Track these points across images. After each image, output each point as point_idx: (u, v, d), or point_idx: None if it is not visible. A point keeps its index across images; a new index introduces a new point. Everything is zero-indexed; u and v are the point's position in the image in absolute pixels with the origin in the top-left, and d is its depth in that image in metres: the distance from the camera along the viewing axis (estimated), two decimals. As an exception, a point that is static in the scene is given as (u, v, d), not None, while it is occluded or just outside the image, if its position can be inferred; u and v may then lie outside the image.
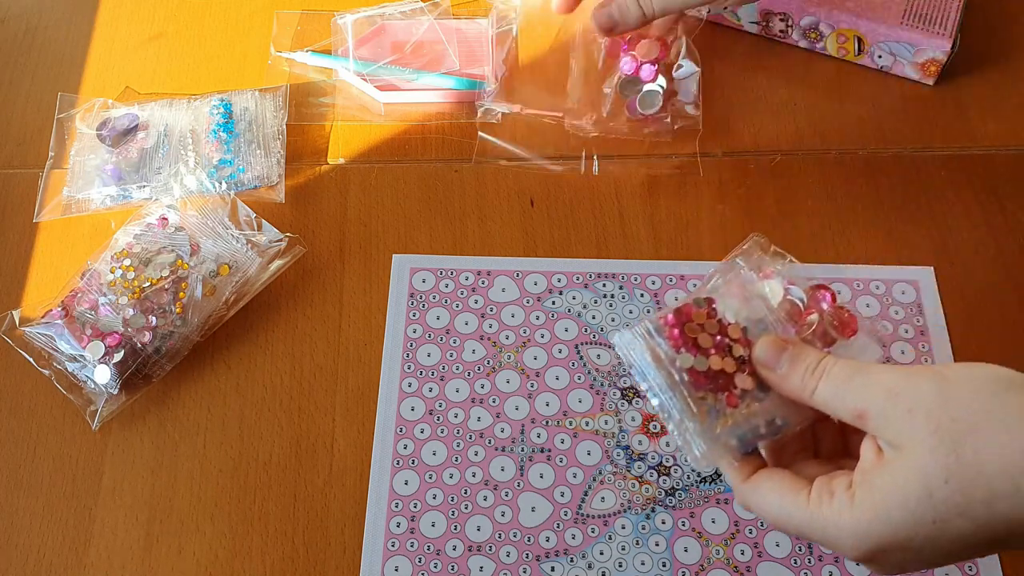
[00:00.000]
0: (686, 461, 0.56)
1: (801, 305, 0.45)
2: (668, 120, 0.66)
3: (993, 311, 0.61)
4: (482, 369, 0.60)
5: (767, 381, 0.42)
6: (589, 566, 0.54)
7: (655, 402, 0.42)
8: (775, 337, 0.43)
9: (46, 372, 0.58)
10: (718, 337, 0.42)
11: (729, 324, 0.43)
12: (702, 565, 0.54)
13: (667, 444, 0.57)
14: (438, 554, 0.54)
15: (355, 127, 0.70)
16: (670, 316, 0.42)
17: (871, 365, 0.40)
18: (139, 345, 0.57)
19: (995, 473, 0.36)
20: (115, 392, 0.57)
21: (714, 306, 0.43)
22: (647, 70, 0.64)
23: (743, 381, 0.42)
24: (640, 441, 0.57)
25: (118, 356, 0.56)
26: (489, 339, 0.61)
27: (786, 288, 0.46)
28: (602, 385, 0.59)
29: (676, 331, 0.42)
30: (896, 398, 0.38)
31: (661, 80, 0.65)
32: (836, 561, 0.54)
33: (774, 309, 0.45)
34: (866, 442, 0.40)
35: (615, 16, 0.53)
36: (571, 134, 0.67)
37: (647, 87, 0.64)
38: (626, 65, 0.65)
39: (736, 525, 0.55)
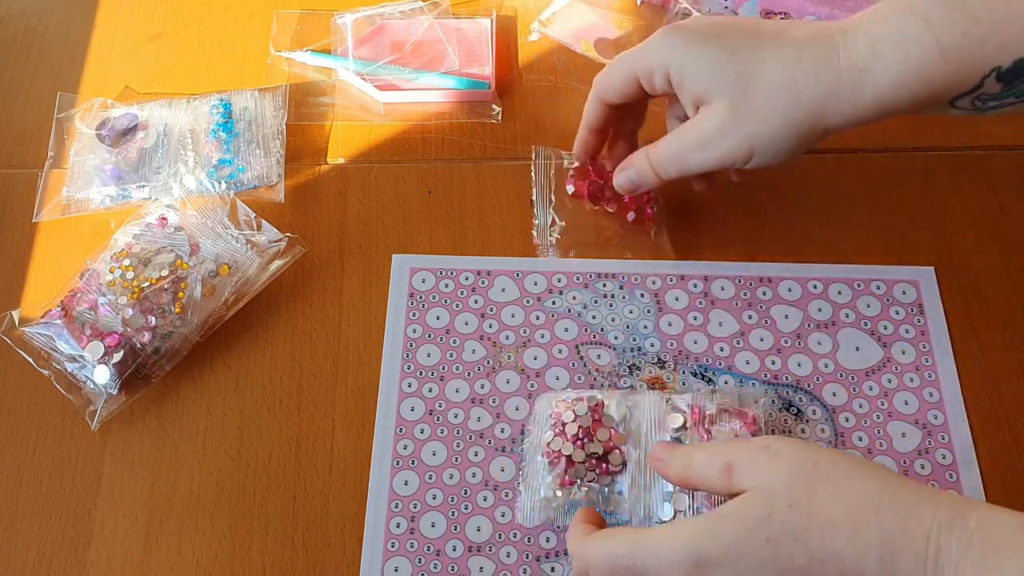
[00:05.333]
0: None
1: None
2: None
3: (993, 311, 0.61)
4: (482, 369, 0.59)
5: (658, 471, 0.48)
6: (589, 566, 0.54)
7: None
8: (662, 442, 0.50)
9: (45, 372, 0.58)
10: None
11: (611, 428, 0.53)
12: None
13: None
14: (438, 554, 0.54)
15: (355, 127, 0.70)
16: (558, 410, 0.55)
17: (742, 439, 0.46)
18: (138, 345, 0.57)
19: (839, 511, 0.37)
20: (114, 392, 0.57)
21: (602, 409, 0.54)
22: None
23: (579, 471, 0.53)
24: (640, 441, 0.57)
25: (117, 356, 0.56)
26: (489, 339, 0.61)
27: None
28: (603, 385, 0.59)
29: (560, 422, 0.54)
30: (764, 449, 0.41)
31: None
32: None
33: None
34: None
35: (634, 179, 0.57)
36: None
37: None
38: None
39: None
